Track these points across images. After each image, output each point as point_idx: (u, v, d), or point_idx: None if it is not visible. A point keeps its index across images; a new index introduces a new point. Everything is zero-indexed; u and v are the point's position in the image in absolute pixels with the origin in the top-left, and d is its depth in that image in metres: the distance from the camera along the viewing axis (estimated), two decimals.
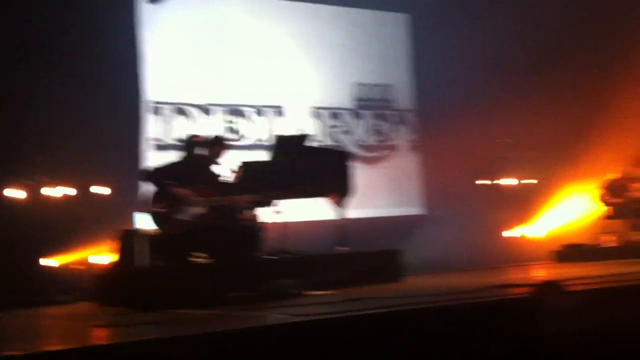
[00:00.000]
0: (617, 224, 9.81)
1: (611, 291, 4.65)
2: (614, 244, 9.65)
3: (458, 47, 10.55)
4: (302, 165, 7.04)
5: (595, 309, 4.34)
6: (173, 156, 7.30)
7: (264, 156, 7.76)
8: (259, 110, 10.13)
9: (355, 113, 10.88)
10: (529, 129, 11.02)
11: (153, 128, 9.30)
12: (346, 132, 10.76)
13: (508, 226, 11.30)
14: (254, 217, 6.94)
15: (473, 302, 4.52)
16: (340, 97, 10.73)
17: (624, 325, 4.29)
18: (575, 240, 10.06)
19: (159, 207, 5.97)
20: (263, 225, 6.84)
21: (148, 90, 9.26)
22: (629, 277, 5.41)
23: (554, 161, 10.85)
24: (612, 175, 9.98)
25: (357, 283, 6.81)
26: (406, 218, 10.78)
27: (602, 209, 9.91)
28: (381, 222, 10.19)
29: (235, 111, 9.97)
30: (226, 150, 6.71)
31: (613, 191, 9.84)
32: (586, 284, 4.87)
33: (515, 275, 7.32)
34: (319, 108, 10.57)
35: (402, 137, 11.17)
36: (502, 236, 11.17)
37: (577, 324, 3.77)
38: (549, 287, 3.79)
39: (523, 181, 11.72)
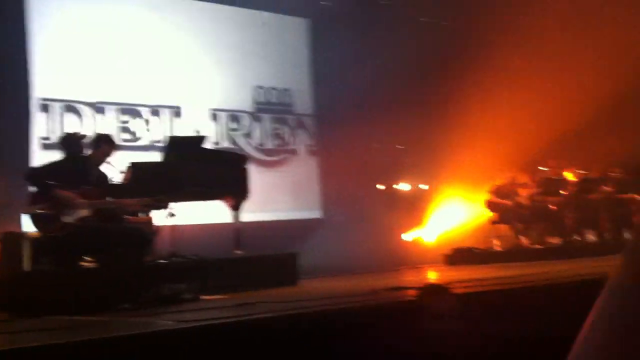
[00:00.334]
0: (505, 228, 10.25)
1: (494, 294, 4.83)
2: (501, 248, 10.06)
3: (356, 53, 10.73)
4: (196, 168, 6.91)
5: (479, 311, 4.51)
6: (61, 156, 6.98)
7: (157, 158, 7.57)
8: (156, 110, 9.87)
9: (255, 116, 10.83)
10: (422, 135, 11.33)
11: (42, 126, 8.87)
12: (245, 135, 10.68)
13: (403, 230, 11.58)
14: (147, 221, 6.75)
15: (363, 305, 4.57)
16: (240, 99, 10.65)
17: (506, 327, 4.47)
18: (466, 244, 10.43)
19: (40, 209, 5.67)
20: (156, 228, 6.66)
21: (37, 86, 8.83)
22: (513, 280, 5.65)
23: (446, 167, 11.21)
24: (499, 180, 10.41)
25: (252, 287, 6.75)
26: (304, 222, 10.82)
27: (490, 213, 10.32)
28: (279, 226, 10.18)
29: (130, 110, 9.68)
30: (114, 151, 6.46)
31: (500, 196, 10.26)
32: (469, 286, 5.05)
33: (406, 278, 7.50)
34: (218, 110, 10.44)
35: (301, 141, 11.22)
36: (397, 240, 11.42)
37: (460, 326, 3.87)
38: (433, 290, 3.89)
39: (420, 186, 12.05)
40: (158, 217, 6.81)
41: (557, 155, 10.83)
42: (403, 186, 11.99)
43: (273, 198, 10.37)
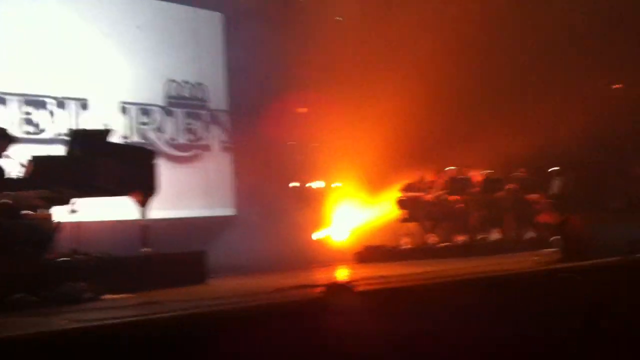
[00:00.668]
0: (413, 226, 10.46)
1: (398, 291, 4.90)
2: (410, 246, 10.26)
3: (270, 49, 10.69)
4: (101, 162, 6.66)
5: (384, 308, 4.56)
6: None
7: (61, 151, 7.27)
8: (61, 102, 9.49)
9: (167, 110, 10.60)
10: (335, 132, 11.41)
11: None
12: (156, 130, 10.44)
13: (316, 228, 11.62)
14: (47, 217, 6.46)
15: (267, 303, 4.54)
16: (151, 93, 10.40)
17: (410, 325, 4.54)
18: (376, 242, 10.57)
19: None
20: (56, 225, 6.38)
21: None
22: (416, 277, 5.76)
23: (358, 165, 11.33)
24: (408, 179, 10.60)
25: (159, 286, 6.59)
26: (216, 219, 10.70)
27: (399, 211, 10.50)
28: (190, 224, 10.02)
29: (34, 102, 9.27)
30: (10, 145, 6.15)
31: (408, 195, 10.45)
32: (374, 283, 5.11)
33: (314, 276, 7.51)
34: (127, 103, 10.15)
35: (214, 137, 11.08)
36: (309, 238, 11.45)
37: (364, 324, 3.89)
38: (336, 288, 3.90)
39: (334, 184, 12.13)
40: (59, 214, 6.53)
41: (464, 155, 11.14)
42: (316, 184, 12.03)
43: (184, 195, 10.19)
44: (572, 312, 5.11)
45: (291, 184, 11.81)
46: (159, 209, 7.71)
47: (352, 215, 11.52)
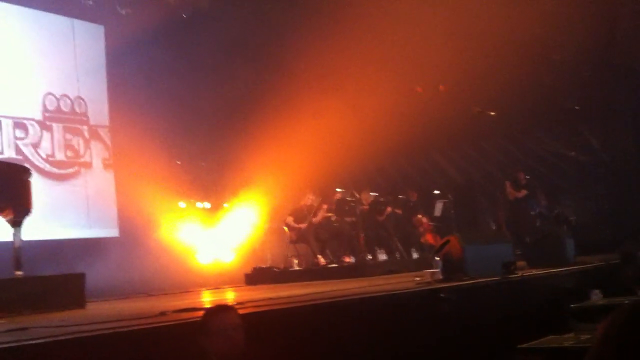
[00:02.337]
0: (302, 247, 10.48)
1: (286, 312, 4.86)
2: (300, 267, 10.27)
3: (155, 64, 10.44)
4: None
5: (268, 330, 4.49)
6: None
7: None
8: None
9: (44, 125, 10.06)
10: (224, 152, 11.29)
11: None
12: (33, 145, 9.89)
13: (204, 250, 11.40)
14: None
15: (149, 327, 4.36)
16: (28, 107, 9.85)
17: (293, 346, 4.50)
18: (266, 264, 10.50)
19: None
20: None
21: None
22: (304, 298, 5.74)
23: (248, 185, 11.26)
24: (297, 200, 10.64)
25: (33, 311, 6.22)
26: (98, 240, 10.23)
27: (288, 233, 10.50)
28: (69, 245, 9.53)
29: None
30: None
31: (297, 216, 10.48)
32: (261, 306, 5.04)
33: (200, 299, 7.35)
34: (2, 117, 9.56)
35: (96, 153, 10.62)
36: (197, 260, 11.21)
37: (247, 346, 3.80)
38: (219, 309, 3.80)
39: (223, 205, 11.96)
40: None
41: (352, 177, 11.34)
42: (204, 204, 11.82)
43: (63, 214, 9.70)
44: (444, 330, 5.28)
45: (179, 204, 11.51)
46: (35, 230, 7.30)
47: (240, 236, 11.39)
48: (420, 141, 12.26)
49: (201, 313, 4.61)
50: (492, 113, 10.24)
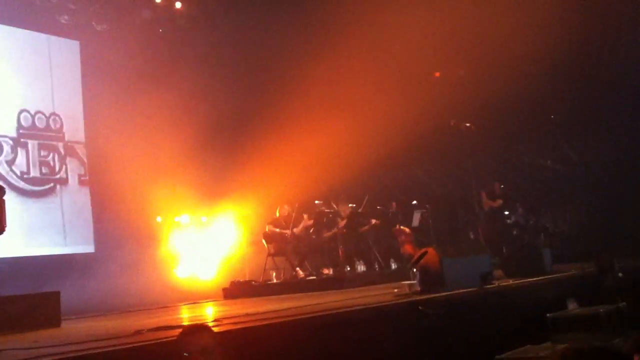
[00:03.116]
0: (282, 260, 10.42)
1: (259, 329, 4.82)
2: (278, 280, 10.21)
3: (127, 80, 10.38)
4: None
5: (245, 348, 4.46)
6: None
7: None
8: None
9: (19, 142, 9.94)
10: (200, 168, 11.24)
11: None
12: (7, 162, 9.76)
13: (181, 264, 11.31)
14: None
15: (124, 348, 4.31)
16: (2, 124, 9.76)
17: None
18: (244, 277, 10.43)
19: None
20: None
21: None
22: (285, 312, 5.70)
23: (225, 200, 11.20)
24: (275, 213, 10.59)
25: (7, 330, 6.12)
26: (73, 257, 10.11)
27: (266, 245, 10.44)
28: (43, 262, 9.40)
29: None
30: None
31: (277, 226, 10.41)
32: (238, 322, 5.00)
33: (177, 316, 7.27)
34: None
35: (71, 170, 10.51)
36: (174, 275, 11.12)
37: None
38: (194, 329, 3.76)
39: (201, 219, 11.89)
40: None
41: (331, 189, 11.34)
42: (182, 218, 11.73)
43: (38, 231, 9.58)
44: (423, 341, 5.29)
45: (156, 219, 11.41)
46: (9, 247, 7.20)
47: (218, 249, 11.32)
48: (399, 154, 12.32)
49: (177, 332, 4.57)
50: (467, 124, 10.32)
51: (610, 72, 12.14)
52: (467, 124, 9.93)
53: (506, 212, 11.66)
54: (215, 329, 4.15)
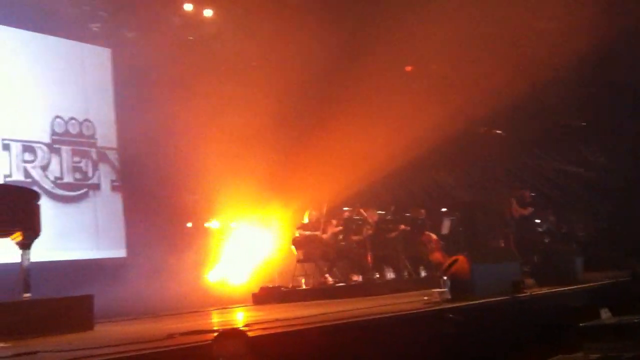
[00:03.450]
0: (311, 266, 10.45)
1: (291, 335, 4.84)
2: (307, 286, 10.23)
3: (158, 87, 10.52)
4: None
5: (277, 353, 4.48)
6: None
7: None
8: None
9: (52, 148, 10.13)
10: (233, 173, 11.32)
11: None
12: (42, 168, 9.95)
13: (212, 269, 11.39)
14: None
15: (157, 352, 4.36)
16: (35, 129, 9.94)
17: None
18: (274, 283, 10.47)
19: None
20: None
21: None
22: (315, 319, 5.72)
23: (255, 206, 11.26)
24: (305, 219, 10.63)
25: (41, 333, 6.23)
26: (106, 261, 10.25)
27: (295, 252, 10.48)
28: (77, 266, 9.56)
29: None
30: None
31: (304, 235, 10.46)
32: (268, 328, 5.03)
33: (208, 321, 7.33)
34: (10, 140, 9.63)
35: (104, 175, 10.68)
36: (205, 280, 11.20)
37: None
38: (226, 334, 3.79)
39: (231, 224, 11.97)
40: None
41: (359, 196, 11.34)
42: (212, 224, 11.83)
43: (71, 236, 9.74)
44: (452, 350, 5.25)
45: (187, 224, 11.53)
46: (44, 251, 7.32)
47: (248, 255, 11.38)
48: (429, 160, 12.29)
49: (209, 336, 4.62)
50: (499, 132, 10.27)
51: (636, 76, 11.98)
52: (498, 131, 9.88)
53: (537, 220, 11.54)
54: (248, 334, 4.18)
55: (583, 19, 10.79)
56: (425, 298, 6.61)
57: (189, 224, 11.50)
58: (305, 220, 10.50)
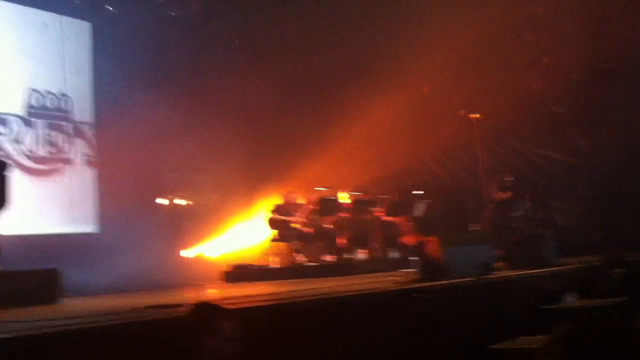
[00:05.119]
0: (283, 246, 10.45)
1: (261, 310, 4.85)
2: (279, 265, 10.24)
3: (138, 63, 10.39)
4: None
5: (248, 327, 4.48)
6: None
7: None
8: None
9: (26, 121, 9.97)
10: (207, 152, 11.25)
11: None
12: (14, 141, 9.79)
13: (185, 246, 11.35)
14: None
15: (123, 322, 4.34)
16: (9, 102, 9.76)
17: (279, 343, 4.49)
18: (245, 261, 10.46)
19: None
20: None
21: None
22: (285, 295, 5.74)
23: (229, 183, 11.22)
24: (278, 200, 10.61)
25: (7, 305, 6.18)
26: (77, 236, 10.15)
27: (270, 231, 10.47)
28: (47, 241, 9.45)
29: None
30: None
31: (280, 212, 10.44)
32: (238, 303, 5.03)
33: (181, 296, 7.32)
34: None
35: (78, 150, 10.53)
36: (177, 257, 11.16)
37: (230, 343, 3.79)
38: (205, 306, 3.78)
39: (203, 202, 11.91)
40: None
41: (333, 177, 11.33)
42: (185, 201, 11.77)
43: (42, 210, 9.63)
44: (419, 329, 5.30)
45: (158, 200, 11.45)
46: (15, 224, 7.24)
47: (223, 233, 11.36)
48: (407, 143, 12.28)
49: (180, 309, 4.60)
50: (477, 115, 10.28)
51: (624, 62, 12.04)
52: (477, 114, 9.89)
53: (515, 205, 11.60)
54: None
55: (574, 2, 10.84)
56: (394, 278, 6.66)
57: (163, 201, 11.41)
58: (281, 201, 10.48)
